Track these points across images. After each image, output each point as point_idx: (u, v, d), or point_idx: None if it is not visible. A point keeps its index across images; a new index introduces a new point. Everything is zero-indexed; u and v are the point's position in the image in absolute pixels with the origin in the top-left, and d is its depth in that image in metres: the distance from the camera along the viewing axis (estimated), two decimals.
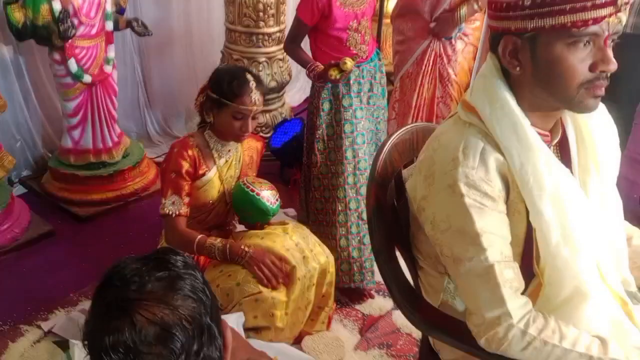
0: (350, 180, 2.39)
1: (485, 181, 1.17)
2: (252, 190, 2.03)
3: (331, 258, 2.12)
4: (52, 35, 2.70)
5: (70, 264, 2.68)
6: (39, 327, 2.27)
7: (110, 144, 3.12)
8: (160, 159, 3.47)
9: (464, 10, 2.56)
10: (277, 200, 2.08)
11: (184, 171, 1.95)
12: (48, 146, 3.35)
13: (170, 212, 1.94)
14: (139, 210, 3.11)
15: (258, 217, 2.09)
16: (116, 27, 2.99)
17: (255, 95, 1.95)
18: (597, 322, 1.23)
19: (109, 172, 3.10)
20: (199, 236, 1.94)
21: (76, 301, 2.42)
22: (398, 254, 1.46)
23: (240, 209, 2.11)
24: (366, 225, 2.30)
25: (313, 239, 2.13)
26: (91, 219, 2.99)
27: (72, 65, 2.81)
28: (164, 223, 1.99)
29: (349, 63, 2.14)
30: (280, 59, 3.67)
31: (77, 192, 3.06)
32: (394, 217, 1.46)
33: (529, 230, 1.22)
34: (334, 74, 2.17)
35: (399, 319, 2.42)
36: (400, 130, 1.57)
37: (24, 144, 3.26)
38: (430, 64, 2.71)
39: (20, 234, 2.78)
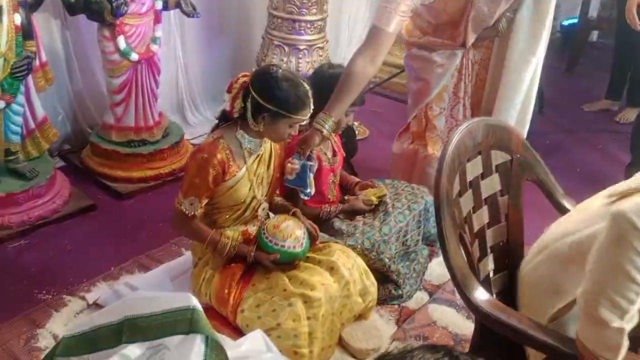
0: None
1: None
2: (276, 244, 2.00)
3: (375, 285, 2.19)
4: (103, 11, 2.73)
5: (111, 238, 2.72)
6: (83, 298, 2.31)
7: (151, 122, 3.15)
8: (195, 141, 3.52)
9: (504, 21, 2.51)
10: (303, 239, 2.04)
11: (210, 178, 1.95)
12: (88, 121, 3.38)
13: (186, 211, 1.99)
14: (176, 190, 3.08)
15: (289, 263, 2.06)
16: (165, 7, 3.01)
17: (312, 105, 1.96)
18: None
19: (149, 151, 3.14)
20: (213, 232, 2.04)
21: (118, 275, 2.45)
22: None
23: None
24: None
25: (358, 264, 2.15)
26: (130, 196, 3.03)
27: (121, 42, 2.84)
28: (176, 214, 2.04)
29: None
30: (320, 47, 3.67)
31: (117, 168, 3.09)
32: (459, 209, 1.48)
33: None
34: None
35: (435, 312, 2.43)
36: (466, 125, 1.58)
37: (65, 117, 3.30)
38: (470, 72, 2.63)
39: (62, 206, 2.82)
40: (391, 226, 2.33)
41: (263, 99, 1.90)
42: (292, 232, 2.02)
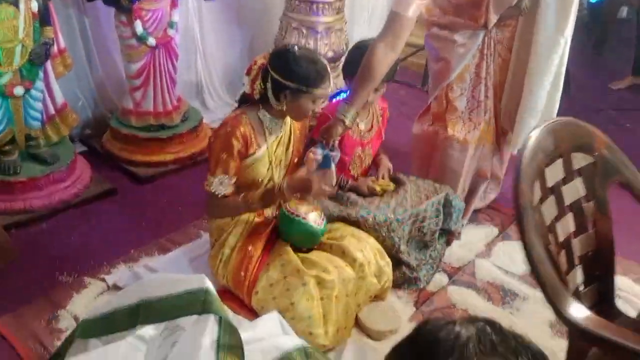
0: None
1: None
2: (298, 215, 2.02)
3: (389, 265, 2.20)
4: None
5: (131, 221, 2.75)
6: (103, 280, 2.33)
7: (170, 107, 3.16)
8: (214, 125, 3.51)
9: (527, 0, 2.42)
10: (323, 219, 2.09)
11: (235, 151, 1.95)
12: (108, 106, 3.41)
13: (217, 192, 1.98)
14: (196, 173, 3.13)
15: (307, 241, 2.09)
16: None
17: (331, 79, 1.96)
18: None
19: (168, 135, 3.16)
20: (240, 198, 2.01)
21: (137, 257, 2.47)
22: None
23: (288, 235, 2.10)
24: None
25: (370, 245, 2.16)
26: (150, 180, 3.05)
27: (138, 27, 2.84)
28: (208, 200, 2.03)
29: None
30: (338, 29, 3.63)
31: (137, 152, 3.12)
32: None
33: None
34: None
35: (454, 294, 2.40)
36: (542, 126, 1.51)
37: (86, 102, 3.33)
38: (492, 51, 2.55)
39: (83, 190, 2.85)
40: (406, 208, 2.30)
41: (283, 77, 1.91)
42: (315, 209, 2.08)
